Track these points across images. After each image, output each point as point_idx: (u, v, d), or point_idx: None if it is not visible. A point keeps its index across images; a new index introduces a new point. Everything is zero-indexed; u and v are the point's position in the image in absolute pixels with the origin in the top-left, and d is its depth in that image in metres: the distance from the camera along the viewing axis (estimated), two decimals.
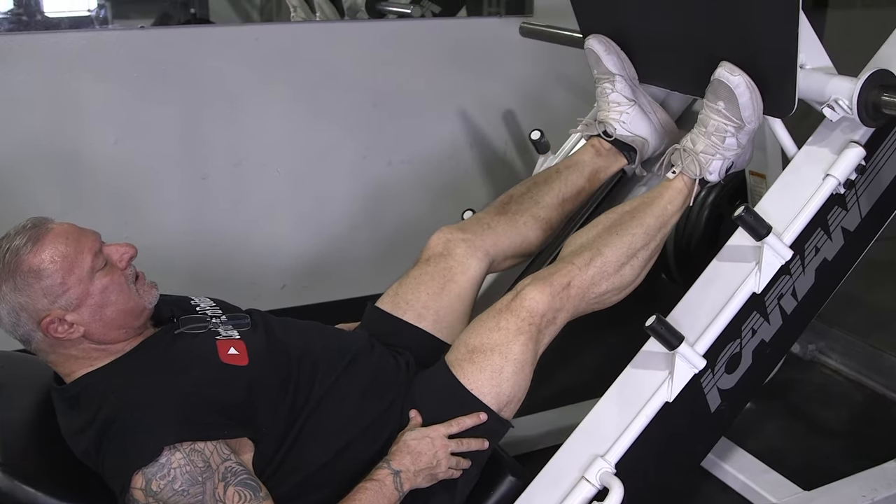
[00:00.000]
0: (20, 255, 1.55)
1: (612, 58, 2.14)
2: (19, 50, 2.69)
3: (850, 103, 1.77)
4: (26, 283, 1.54)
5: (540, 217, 2.14)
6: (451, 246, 2.03)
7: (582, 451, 1.79)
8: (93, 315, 1.59)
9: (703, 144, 1.93)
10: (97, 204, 2.82)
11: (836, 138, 1.87)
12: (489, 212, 2.14)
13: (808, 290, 1.95)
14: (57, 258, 1.56)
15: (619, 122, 2.18)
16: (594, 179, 2.23)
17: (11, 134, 2.72)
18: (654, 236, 1.93)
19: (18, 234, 1.58)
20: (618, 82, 2.16)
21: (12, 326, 1.59)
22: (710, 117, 1.92)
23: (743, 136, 1.92)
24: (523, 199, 2.16)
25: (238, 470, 1.54)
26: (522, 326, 1.76)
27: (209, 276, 3.04)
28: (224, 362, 1.67)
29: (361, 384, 1.79)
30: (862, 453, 2.51)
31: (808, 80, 1.83)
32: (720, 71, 1.84)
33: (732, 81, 1.83)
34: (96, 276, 1.60)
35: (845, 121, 1.83)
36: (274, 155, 3.08)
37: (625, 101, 2.17)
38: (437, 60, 3.26)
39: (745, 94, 1.84)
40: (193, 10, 3.63)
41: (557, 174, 2.22)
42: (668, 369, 1.80)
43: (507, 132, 3.41)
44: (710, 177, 1.96)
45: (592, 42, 2.15)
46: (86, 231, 1.63)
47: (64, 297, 1.56)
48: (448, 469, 1.73)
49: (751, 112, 1.86)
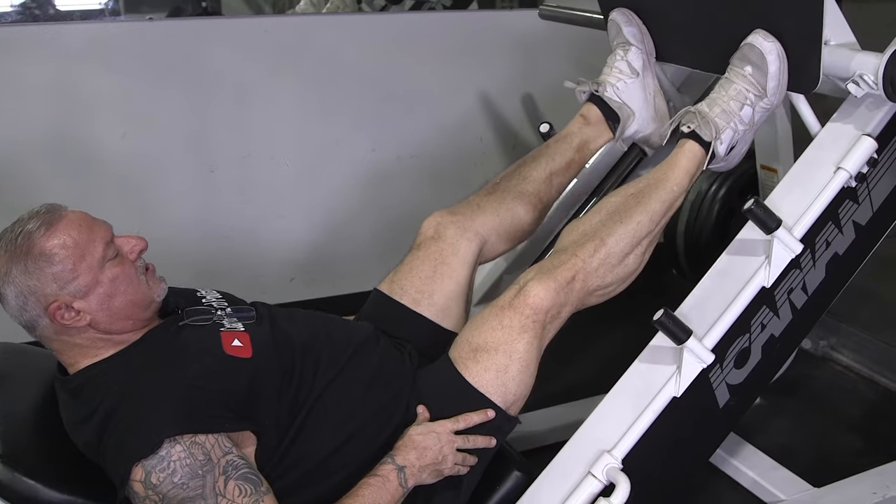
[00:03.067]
0: (33, 239, 1.55)
1: (633, 29, 2.13)
2: (28, 41, 2.69)
3: (876, 78, 1.74)
4: (37, 266, 1.54)
5: (528, 192, 2.12)
6: (441, 229, 2.02)
7: (588, 447, 1.77)
8: (100, 304, 1.59)
9: (721, 108, 1.89)
10: (105, 196, 2.81)
11: (848, 131, 1.85)
12: (479, 193, 2.13)
13: (818, 285, 1.92)
14: (69, 244, 1.56)
15: (614, 86, 2.15)
16: (583, 150, 2.19)
17: (20, 125, 2.72)
18: (659, 221, 1.89)
19: (32, 219, 1.57)
20: (631, 52, 2.14)
21: (18, 310, 1.58)
22: (733, 81, 1.89)
23: (759, 110, 1.89)
24: (512, 177, 2.15)
25: (239, 464, 1.53)
26: (526, 324, 1.75)
27: (217, 268, 3.04)
28: (227, 354, 1.66)
29: (366, 375, 1.78)
30: (873, 450, 2.50)
31: (833, 55, 1.81)
32: (754, 36, 1.83)
33: (766, 47, 1.81)
34: (107, 266, 1.59)
35: (869, 97, 1.80)
36: (282, 148, 3.07)
37: (628, 71, 2.14)
38: (446, 54, 3.25)
39: (775, 62, 1.82)
40: (205, 4, 3.63)
41: (546, 148, 2.20)
42: (676, 364, 1.78)
43: (517, 126, 3.40)
44: (720, 147, 1.91)
45: (615, 14, 2.14)
46: (98, 221, 1.63)
47: (73, 283, 1.56)
48: (454, 465, 1.72)
49: (776, 84, 1.85)
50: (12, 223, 1.59)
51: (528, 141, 3.40)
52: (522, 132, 3.41)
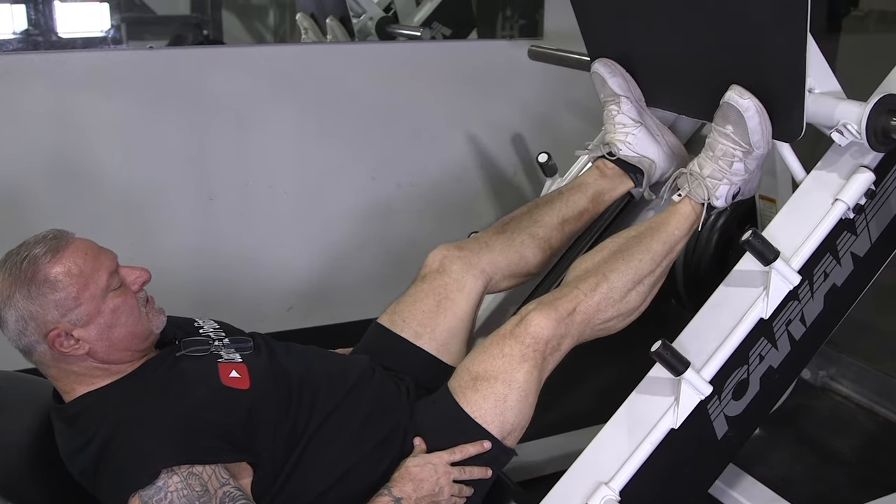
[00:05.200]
0: (38, 264, 1.54)
1: (618, 80, 2.13)
2: (29, 70, 2.70)
3: (859, 128, 1.75)
4: (40, 292, 1.53)
5: (538, 236, 2.12)
6: (447, 263, 2.02)
7: (586, 478, 1.76)
8: (100, 334, 1.58)
9: (711, 169, 1.92)
10: (103, 223, 2.82)
11: (846, 163, 1.85)
12: (488, 231, 2.13)
13: (816, 316, 1.92)
14: (74, 272, 1.55)
15: (625, 143, 2.17)
16: (598, 201, 2.21)
17: (19, 152, 2.73)
18: (661, 262, 1.91)
19: (38, 244, 1.57)
20: (623, 104, 2.15)
21: (17, 335, 1.57)
22: (718, 141, 1.90)
23: (751, 162, 1.90)
24: (523, 218, 2.15)
25: (236, 495, 1.52)
26: (527, 353, 1.74)
27: (215, 297, 3.03)
28: (225, 385, 1.65)
29: (362, 411, 1.77)
30: (872, 482, 2.49)
31: (817, 104, 1.82)
32: (730, 94, 1.83)
33: (742, 105, 1.81)
34: (109, 296, 1.59)
35: (854, 145, 1.81)
36: (281, 176, 3.08)
37: (630, 123, 2.16)
38: (446, 82, 3.26)
39: (754, 118, 1.82)
40: (206, 32, 3.64)
41: (559, 195, 2.20)
42: (674, 395, 1.77)
43: (516, 155, 3.41)
44: (716, 202, 1.94)
45: (597, 65, 2.15)
46: (104, 250, 1.63)
47: (75, 311, 1.56)
48: (450, 497, 1.71)
49: (759, 137, 1.85)
50: (18, 246, 1.59)
51: (528, 170, 3.41)
52: (522, 161, 3.42)
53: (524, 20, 3.53)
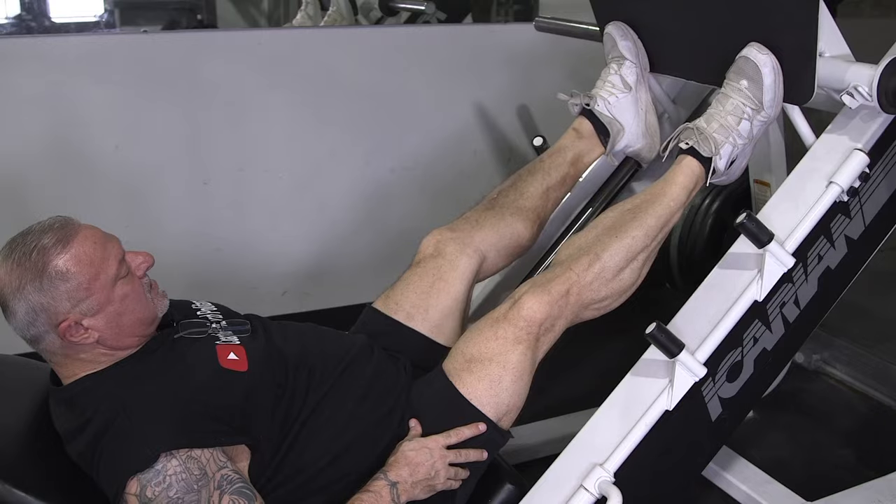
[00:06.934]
0: (48, 255, 1.52)
1: (628, 43, 2.14)
2: (23, 54, 2.69)
3: (870, 90, 1.75)
4: (52, 284, 1.52)
5: (525, 207, 2.12)
6: (441, 246, 2.02)
7: (581, 460, 1.76)
8: (109, 322, 1.58)
9: (718, 123, 1.89)
10: (97, 208, 2.81)
11: (840, 145, 1.86)
12: (477, 209, 2.13)
13: (810, 299, 1.93)
14: (84, 261, 1.54)
15: (605, 100, 2.16)
16: (577, 164, 2.20)
17: (13, 137, 2.72)
18: (655, 236, 1.88)
19: (46, 233, 1.54)
20: (625, 67, 2.15)
21: (25, 325, 1.55)
22: (729, 96, 1.89)
23: (757, 123, 1.89)
24: (509, 192, 2.15)
25: (234, 478, 1.53)
26: (520, 335, 1.75)
27: (210, 281, 3.03)
28: (223, 367, 1.65)
29: (359, 389, 1.78)
30: (866, 464, 2.50)
31: (828, 67, 1.82)
32: (749, 49, 1.83)
33: (760, 60, 1.82)
34: (118, 284, 1.58)
35: (861, 111, 1.81)
36: (276, 160, 3.07)
37: (621, 86, 2.15)
38: (440, 67, 3.25)
39: (770, 74, 1.83)
40: (200, 17, 3.64)
41: (541, 163, 2.20)
42: (669, 377, 1.78)
43: (512, 139, 3.40)
44: (719, 162, 1.90)
45: (610, 27, 2.16)
46: (110, 236, 1.62)
47: (86, 301, 1.54)
48: (446, 480, 1.71)
49: (772, 96, 1.85)
50: (22, 234, 1.56)
51: (523, 154, 3.40)
52: (517, 145, 3.42)
53: (519, 5, 3.54)
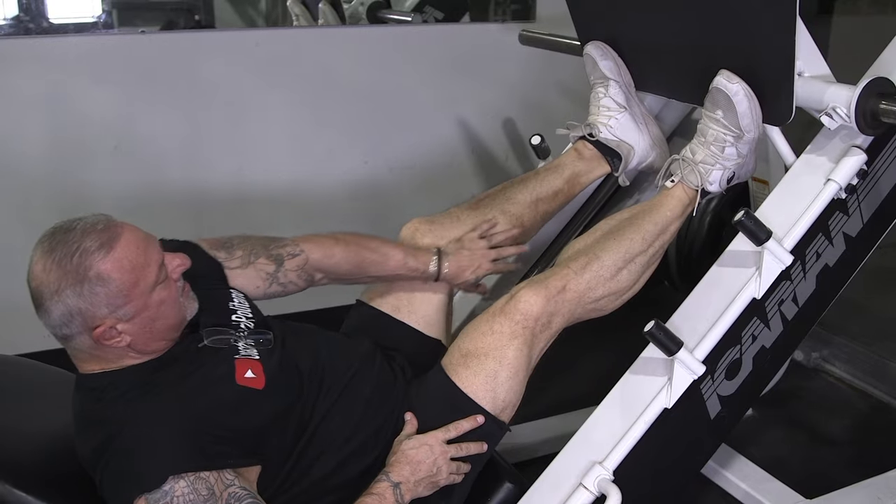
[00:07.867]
0: (91, 260, 1.48)
1: (608, 63, 2.13)
2: (21, 54, 2.69)
3: (849, 111, 1.75)
4: (92, 290, 1.48)
5: (509, 213, 2.12)
6: (418, 236, 2.05)
7: (580, 458, 1.77)
8: (142, 327, 1.55)
9: (703, 154, 1.91)
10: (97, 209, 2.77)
11: (838, 143, 1.85)
12: (462, 206, 2.14)
13: (809, 297, 1.93)
14: (126, 268, 1.50)
15: (607, 126, 2.16)
16: (573, 182, 2.20)
17: (13, 137, 2.72)
18: (653, 242, 1.91)
19: (89, 234, 1.50)
20: (611, 87, 2.15)
21: (59, 325, 1.51)
22: (709, 126, 1.90)
23: (743, 146, 1.90)
24: (497, 195, 2.16)
25: (241, 495, 1.51)
26: (516, 330, 1.75)
27: None
28: (240, 385, 1.62)
29: (364, 396, 1.78)
30: (865, 462, 2.50)
31: (806, 87, 1.81)
32: (718, 79, 1.83)
33: (731, 89, 1.81)
34: (156, 290, 1.55)
35: (844, 128, 1.81)
36: (275, 159, 3.08)
37: (615, 107, 2.15)
38: (438, 66, 3.25)
39: (743, 102, 1.82)
40: (198, 17, 3.63)
41: (535, 175, 2.21)
42: (668, 375, 1.78)
43: (508, 138, 3.41)
44: (710, 187, 1.94)
45: (589, 48, 2.15)
46: (150, 238, 1.58)
47: (124, 308, 1.51)
48: (449, 475, 1.71)
49: (749, 121, 1.85)
50: (64, 230, 1.51)
51: (521, 152, 3.41)
52: (515, 145, 3.42)
53: (516, 4, 3.52)
